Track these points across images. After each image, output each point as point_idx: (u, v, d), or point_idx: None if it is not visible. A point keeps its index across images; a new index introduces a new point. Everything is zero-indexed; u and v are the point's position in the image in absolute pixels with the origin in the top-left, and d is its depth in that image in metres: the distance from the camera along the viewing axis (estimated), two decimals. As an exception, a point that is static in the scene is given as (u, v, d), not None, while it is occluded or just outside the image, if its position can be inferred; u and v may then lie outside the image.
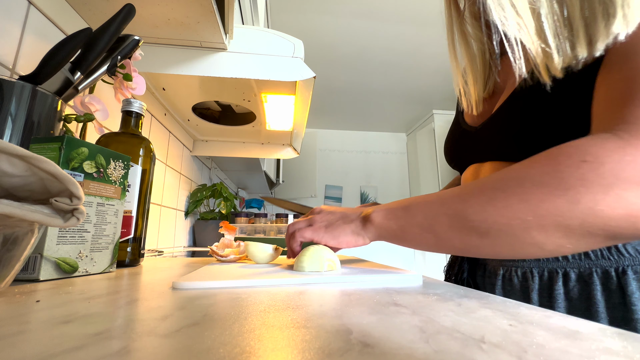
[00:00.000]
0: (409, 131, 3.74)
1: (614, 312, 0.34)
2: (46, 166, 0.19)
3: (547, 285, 0.39)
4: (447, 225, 0.32)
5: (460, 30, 0.50)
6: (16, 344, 0.14)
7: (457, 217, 0.31)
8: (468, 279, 0.50)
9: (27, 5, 0.51)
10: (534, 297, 0.40)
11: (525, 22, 0.34)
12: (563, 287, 0.38)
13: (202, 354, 0.13)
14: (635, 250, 0.34)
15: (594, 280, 0.36)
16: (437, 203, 0.33)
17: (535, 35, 0.34)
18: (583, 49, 0.32)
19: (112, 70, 0.51)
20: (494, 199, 0.29)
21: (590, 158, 0.26)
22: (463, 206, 0.31)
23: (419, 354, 0.14)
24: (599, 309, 0.35)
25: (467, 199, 0.31)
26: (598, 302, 0.35)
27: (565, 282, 0.38)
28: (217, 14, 0.65)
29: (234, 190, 2.45)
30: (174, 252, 1.08)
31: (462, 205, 0.31)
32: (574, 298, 0.37)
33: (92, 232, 0.38)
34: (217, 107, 1.20)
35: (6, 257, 0.20)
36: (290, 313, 0.20)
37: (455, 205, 0.31)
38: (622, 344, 0.15)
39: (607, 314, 0.34)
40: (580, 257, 0.37)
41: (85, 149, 0.38)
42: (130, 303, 0.23)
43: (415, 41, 2.14)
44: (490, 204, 0.29)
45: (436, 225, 0.32)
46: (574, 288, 0.37)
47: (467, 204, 0.31)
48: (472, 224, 0.30)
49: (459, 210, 0.31)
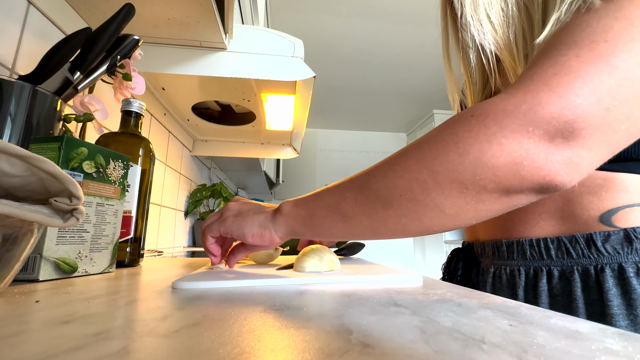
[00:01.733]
0: (409, 131, 3.74)
1: (592, 307, 0.35)
2: (46, 166, 0.19)
3: (533, 282, 0.40)
4: (353, 200, 0.31)
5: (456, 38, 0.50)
6: (16, 344, 0.14)
7: (361, 188, 0.30)
8: (463, 277, 0.51)
9: (26, 5, 0.51)
10: (520, 293, 0.41)
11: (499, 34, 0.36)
12: (547, 284, 0.39)
13: (201, 354, 0.13)
14: (614, 249, 0.35)
15: (575, 278, 0.37)
16: (345, 182, 0.33)
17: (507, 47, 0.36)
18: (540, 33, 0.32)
19: (112, 70, 0.51)
20: (395, 164, 0.29)
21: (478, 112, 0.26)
22: (367, 177, 0.30)
23: (419, 354, 0.14)
24: (578, 304, 0.36)
25: (372, 170, 0.30)
26: (578, 299, 0.36)
27: (549, 279, 0.39)
28: (217, 14, 0.65)
29: (234, 190, 2.45)
30: (174, 252, 1.08)
31: (367, 177, 0.30)
32: (557, 294, 0.38)
33: (92, 232, 0.38)
34: (216, 107, 1.19)
35: (6, 257, 0.20)
36: (290, 313, 0.20)
37: (360, 179, 0.31)
38: (622, 344, 0.15)
39: (585, 309, 0.35)
40: (563, 256, 0.38)
41: (84, 148, 0.37)
42: (130, 303, 0.23)
43: (415, 41, 2.14)
44: (391, 169, 0.29)
45: (342, 202, 0.31)
46: (556, 285, 0.38)
47: (370, 174, 0.30)
48: (376, 193, 0.29)
49: (363, 182, 0.30)
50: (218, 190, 1.44)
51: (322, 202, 0.33)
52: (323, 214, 0.33)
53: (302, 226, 0.35)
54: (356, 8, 1.86)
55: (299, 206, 0.35)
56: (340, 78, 2.61)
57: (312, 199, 0.35)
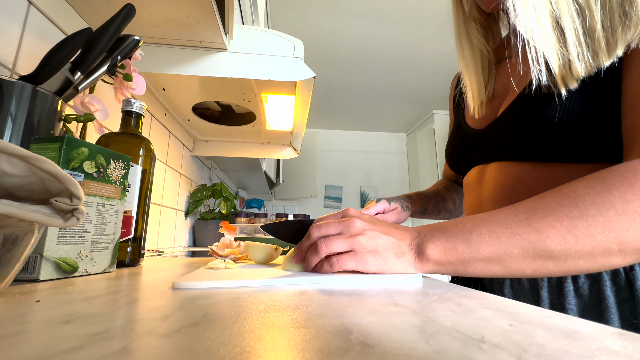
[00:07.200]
0: (409, 131, 3.74)
1: (622, 306, 0.35)
2: (46, 166, 0.19)
3: (557, 282, 0.39)
4: (520, 256, 0.31)
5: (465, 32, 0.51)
6: (16, 344, 0.14)
7: (532, 249, 0.30)
8: (475, 280, 0.50)
9: (27, 5, 0.51)
10: (543, 294, 0.40)
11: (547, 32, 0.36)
12: (572, 284, 0.38)
13: (202, 354, 0.13)
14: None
15: (603, 277, 0.36)
16: (506, 234, 0.31)
17: (557, 46, 0.36)
18: (606, 57, 0.34)
19: (112, 70, 0.51)
20: (574, 229, 0.29)
21: None
22: (539, 237, 0.30)
23: (419, 354, 0.14)
24: (609, 304, 0.36)
25: (542, 228, 0.30)
26: (608, 298, 0.36)
27: (574, 279, 0.38)
28: (217, 14, 0.65)
29: (234, 190, 2.45)
30: (174, 252, 1.08)
31: (537, 235, 0.30)
32: (584, 294, 0.37)
33: (92, 232, 0.38)
34: (217, 107, 1.20)
35: (6, 257, 0.20)
36: (290, 313, 0.20)
37: (529, 236, 0.30)
38: (622, 344, 0.15)
39: (617, 308, 0.35)
40: None
41: (85, 149, 0.38)
42: (130, 303, 0.23)
43: (415, 41, 2.14)
44: (570, 233, 0.29)
45: (507, 258, 0.31)
46: (583, 285, 0.38)
47: (543, 234, 0.30)
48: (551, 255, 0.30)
49: (534, 241, 0.30)
50: (218, 190, 1.44)
51: (479, 254, 0.32)
52: (480, 265, 0.32)
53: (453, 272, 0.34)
54: (356, 8, 1.86)
55: (451, 256, 0.33)
56: (340, 78, 2.61)
57: (465, 248, 0.32)
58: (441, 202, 0.68)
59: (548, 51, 0.37)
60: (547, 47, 0.37)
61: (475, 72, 0.51)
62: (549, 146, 0.39)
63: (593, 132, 0.37)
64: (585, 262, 0.29)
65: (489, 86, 0.51)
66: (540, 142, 0.40)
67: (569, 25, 0.36)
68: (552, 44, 0.37)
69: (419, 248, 0.34)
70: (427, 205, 0.66)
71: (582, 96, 0.37)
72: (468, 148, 0.53)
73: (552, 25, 0.37)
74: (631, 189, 0.28)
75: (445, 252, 0.33)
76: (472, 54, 0.51)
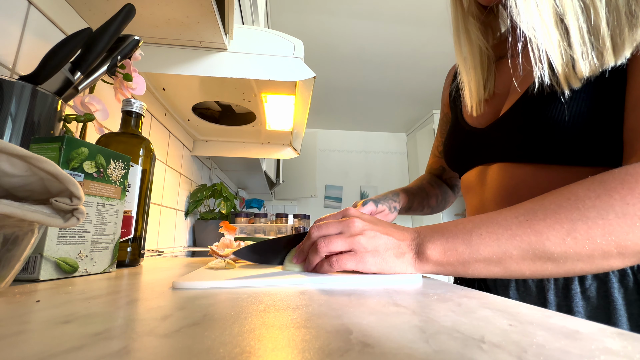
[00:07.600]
0: (409, 131, 3.74)
1: (631, 308, 0.35)
2: (46, 166, 0.19)
3: (563, 284, 0.39)
4: (520, 257, 0.31)
5: (464, 28, 0.50)
6: (16, 344, 0.14)
7: (532, 250, 0.30)
8: (479, 282, 0.49)
9: (27, 5, 0.51)
10: (550, 297, 0.39)
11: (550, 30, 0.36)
12: (579, 286, 0.38)
13: (202, 354, 0.13)
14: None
15: (611, 278, 0.36)
16: (505, 235, 0.31)
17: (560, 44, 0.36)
18: (611, 58, 0.33)
19: (112, 70, 0.51)
20: (574, 231, 0.29)
21: None
22: (538, 238, 0.30)
23: (419, 354, 0.14)
24: (617, 305, 0.35)
25: (542, 230, 0.30)
26: (616, 300, 0.35)
27: (581, 281, 0.38)
28: (217, 14, 0.65)
29: (234, 190, 2.45)
30: (174, 252, 1.08)
31: (537, 237, 0.30)
32: (591, 297, 0.37)
33: (92, 232, 0.38)
34: (217, 107, 1.20)
35: (6, 257, 0.20)
36: (290, 313, 0.20)
37: (529, 238, 0.30)
38: (622, 344, 0.15)
39: (625, 310, 0.35)
40: None
41: (85, 149, 0.38)
42: (130, 303, 0.23)
43: (415, 41, 2.14)
44: (570, 236, 0.29)
45: (506, 259, 0.31)
46: (590, 287, 0.37)
47: (542, 236, 0.30)
48: (550, 256, 0.30)
49: (534, 242, 0.30)
50: (218, 190, 1.44)
51: (479, 255, 0.32)
52: (479, 266, 0.32)
53: (453, 272, 0.34)
54: (356, 8, 1.86)
55: (451, 256, 0.33)
56: (340, 78, 2.61)
57: (465, 249, 0.32)
58: (425, 198, 0.68)
59: (551, 49, 0.36)
60: (550, 45, 0.36)
61: (474, 69, 0.50)
62: (553, 148, 0.39)
63: (598, 135, 0.36)
64: (584, 264, 0.29)
65: (489, 84, 0.50)
66: (544, 144, 0.40)
67: (573, 23, 0.35)
68: (555, 42, 0.36)
69: (419, 248, 0.35)
70: (412, 202, 0.65)
71: (587, 98, 0.36)
72: (469, 148, 0.52)
73: (555, 22, 0.36)
74: (631, 192, 0.28)
75: (445, 252, 0.33)
76: (471, 51, 0.50)
